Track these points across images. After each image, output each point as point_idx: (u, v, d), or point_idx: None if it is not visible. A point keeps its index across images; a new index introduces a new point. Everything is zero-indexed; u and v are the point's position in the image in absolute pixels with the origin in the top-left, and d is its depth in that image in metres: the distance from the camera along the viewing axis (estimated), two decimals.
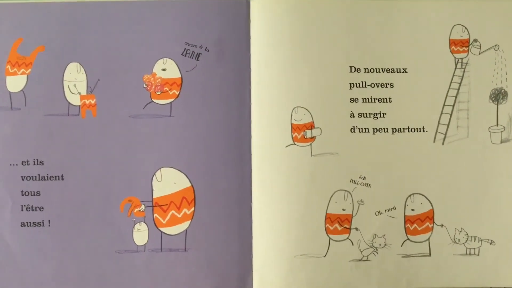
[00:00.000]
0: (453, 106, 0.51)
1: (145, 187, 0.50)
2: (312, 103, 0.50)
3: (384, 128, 0.51)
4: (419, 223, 0.51)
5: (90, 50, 0.50)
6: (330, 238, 0.50)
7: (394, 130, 0.51)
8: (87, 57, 0.50)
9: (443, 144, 0.51)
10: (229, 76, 0.51)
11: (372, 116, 0.51)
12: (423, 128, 0.51)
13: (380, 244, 0.51)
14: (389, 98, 0.51)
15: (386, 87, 0.51)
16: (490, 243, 0.51)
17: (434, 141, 0.51)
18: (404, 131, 0.51)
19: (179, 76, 0.51)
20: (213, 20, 0.51)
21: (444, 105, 0.51)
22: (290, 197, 0.50)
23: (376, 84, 0.51)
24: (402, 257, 0.51)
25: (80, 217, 0.50)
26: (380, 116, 0.51)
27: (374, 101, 0.51)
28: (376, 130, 0.51)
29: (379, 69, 0.51)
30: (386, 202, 0.51)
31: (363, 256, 0.51)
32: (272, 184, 0.50)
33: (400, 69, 0.51)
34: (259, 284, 0.50)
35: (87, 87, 0.50)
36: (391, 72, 0.51)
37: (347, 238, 0.51)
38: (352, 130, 0.51)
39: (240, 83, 0.50)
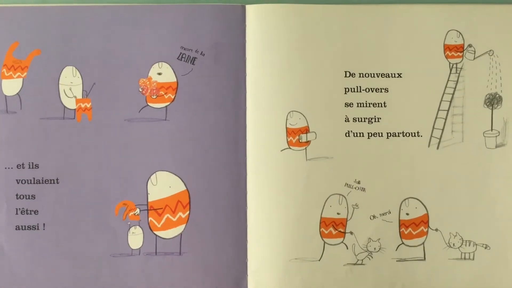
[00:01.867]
0: (448, 110, 0.51)
1: (140, 190, 0.50)
2: (307, 107, 0.50)
3: (379, 133, 0.51)
4: (414, 227, 0.51)
5: (86, 54, 0.50)
6: (324, 242, 0.50)
7: (389, 134, 0.51)
8: (83, 61, 0.50)
9: (437, 148, 0.51)
10: (224, 80, 0.51)
11: (367, 120, 0.51)
12: (417, 132, 0.51)
13: (374, 248, 0.51)
14: (384, 103, 0.51)
15: (381, 91, 0.51)
16: (485, 248, 0.51)
17: (428, 145, 0.51)
18: (399, 136, 0.51)
19: (175, 80, 0.51)
20: (209, 24, 0.51)
21: (438, 109, 0.51)
22: (285, 201, 0.50)
23: (371, 88, 0.51)
24: (397, 261, 0.51)
25: (75, 221, 0.50)
26: (375, 121, 0.51)
27: (369, 106, 0.51)
28: (371, 135, 0.51)
29: (374, 73, 0.51)
30: (381, 206, 0.51)
31: (358, 260, 0.51)
32: (267, 188, 0.50)
33: (395, 74, 0.51)
34: (254, 287, 0.50)
35: (83, 90, 0.50)
36: (386, 77, 0.51)
37: (342, 242, 0.51)
38: (347, 135, 0.51)
39: (236, 87, 0.51)
